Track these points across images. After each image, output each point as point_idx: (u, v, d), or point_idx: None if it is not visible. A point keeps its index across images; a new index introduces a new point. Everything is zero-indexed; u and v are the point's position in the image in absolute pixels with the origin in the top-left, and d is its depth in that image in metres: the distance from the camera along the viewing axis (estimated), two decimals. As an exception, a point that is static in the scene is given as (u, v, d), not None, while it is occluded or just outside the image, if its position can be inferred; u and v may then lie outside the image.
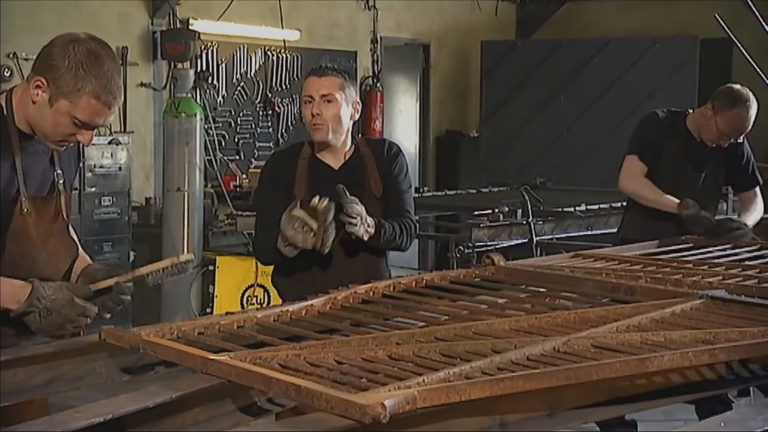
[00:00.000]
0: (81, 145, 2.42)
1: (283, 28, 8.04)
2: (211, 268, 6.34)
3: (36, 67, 2.28)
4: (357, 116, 3.18)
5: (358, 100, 3.18)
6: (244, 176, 7.67)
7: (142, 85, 7.31)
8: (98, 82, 2.21)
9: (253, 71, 8.16)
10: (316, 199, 2.88)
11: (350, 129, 3.18)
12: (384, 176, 3.17)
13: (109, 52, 2.27)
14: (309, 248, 2.91)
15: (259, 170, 7.26)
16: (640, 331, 2.08)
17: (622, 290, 2.59)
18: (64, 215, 2.45)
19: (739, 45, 5.83)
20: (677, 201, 3.96)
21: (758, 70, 5.86)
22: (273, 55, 8.29)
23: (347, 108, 3.12)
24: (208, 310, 6.30)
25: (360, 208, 2.96)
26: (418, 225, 3.24)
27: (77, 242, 2.55)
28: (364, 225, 2.97)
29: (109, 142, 6.56)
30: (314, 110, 3.08)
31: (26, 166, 2.34)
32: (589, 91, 9.06)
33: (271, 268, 3.28)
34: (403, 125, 10.00)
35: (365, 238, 2.99)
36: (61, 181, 2.44)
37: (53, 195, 2.42)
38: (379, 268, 3.14)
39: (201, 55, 7.65)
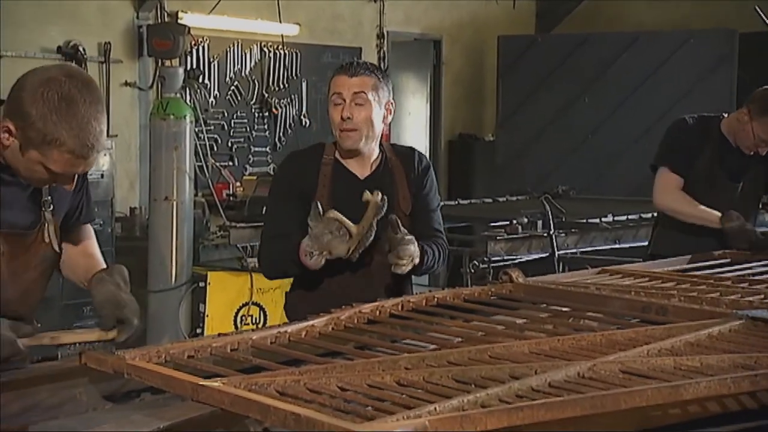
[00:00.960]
0: None
1: (280, 22, 8.06)
2: (201, 284, 6.34)
3: (6, 108, 2.23)
4: (390, 119, 3.15)
5: (392, 100, 3.15)
6: (238, 184, 7.68)
7: (126, 84, 7.33)
8: (70, 134, 2.16)
9: (248, 69, 8.18)
10: (368, 194, 2.85)
11: (380, 134, 3.14)
12: (414, 193, 3.16)
13: (86, 93, 2.19)
14: (343, 256, 2.89)
15: (254, 177, 7.39)
16: (673, 355, 2.07)
17: (653, 310, 2.58)
18: (55, 246, 2.44)
19: (781, 40, 5.83)
20: (719, 214, 3.95)
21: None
22: (270, 51, 8.31)
23: (380, 110, 3.08)
24: (199, 330, 6.30)
25: (414, 249, 2.93)
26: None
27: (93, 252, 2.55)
28: (412, 264, 2.95)
29: (91, 147, 6.57)
30: (344, 113, 3.03)
31: (1, 199, 2.33)
32: (616, 91, 9.05)
33: (267, 285, 3.28)
34: (412, 128, 10.01)
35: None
36: (50, 209, 2.43)
37: (35, 228, 2.41)
38: (404, 286, 3.14)
39: (191, 52, 7.67)
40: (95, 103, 2.21)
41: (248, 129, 8.23)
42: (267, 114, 8.35)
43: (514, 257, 5.52)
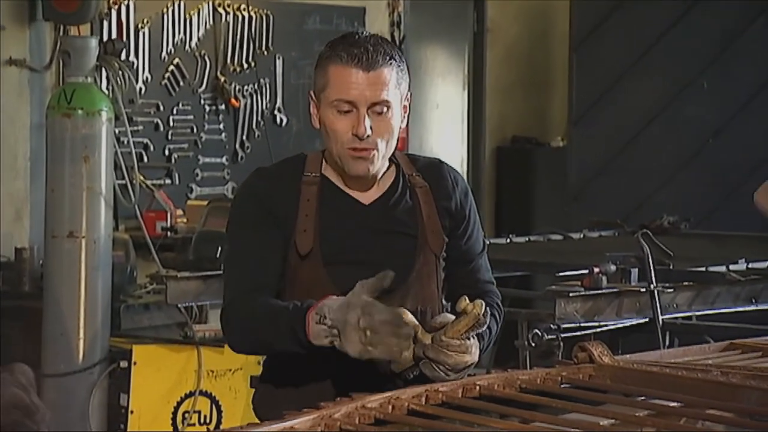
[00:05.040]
0: None
1: (244, -31, 8.13)
2: (123, 365, 6.34)
3: None
4: (405, 119, 3.17)
5: (410, 92, 3.19)
6: (180, 212, 7.68)
7: (11, 62, 7.35)
8: None
9: (194, 41, 8.21)
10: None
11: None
12: (451, 229, 3.20)
13: None
14: (396, 369, 2.90)
15: (204, 203, 7.39)
16: (839, 474, 2.07)
17: (808, 405, 2.58)
18: None
19: None
20: None
21: None
22: (228, 13, 8.34)
23: (399, 111, 3.12)
24: (119, 434, 6.31)
25: (470, 359, 2.93)
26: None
27: None
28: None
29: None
30: (360, 129, 3.04)
31: None
32: (748, 73, 9.06)
33: (223, 365, 3.27)
34: (442, 128, 10.03)
35: None
36: None
37: None
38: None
39: (108, 15, 7.70)
40: None
41: (195, 129, 8.24)
42: (223, 107, 8.37)
43: (597, 324, 5.50)
